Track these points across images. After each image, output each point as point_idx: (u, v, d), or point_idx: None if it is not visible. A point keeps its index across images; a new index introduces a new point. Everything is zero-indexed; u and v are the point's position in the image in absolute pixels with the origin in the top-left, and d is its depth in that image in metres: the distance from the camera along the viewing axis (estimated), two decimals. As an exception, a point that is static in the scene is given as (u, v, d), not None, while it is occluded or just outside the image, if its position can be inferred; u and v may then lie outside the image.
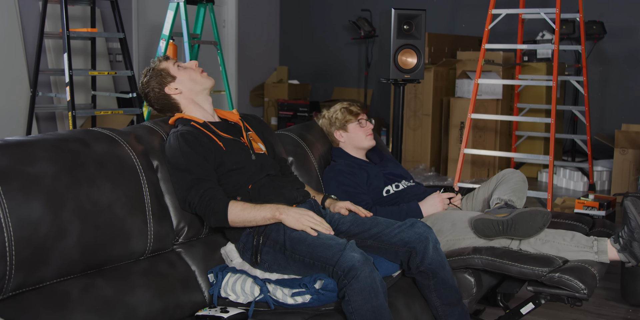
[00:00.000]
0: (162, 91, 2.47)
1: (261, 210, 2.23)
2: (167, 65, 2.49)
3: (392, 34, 4.01)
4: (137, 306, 1.98)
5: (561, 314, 3.14)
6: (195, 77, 2.49)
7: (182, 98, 2.48)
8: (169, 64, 2.50)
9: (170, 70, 2.48)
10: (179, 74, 2.48)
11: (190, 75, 2.49)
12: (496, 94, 5.96)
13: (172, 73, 2.48)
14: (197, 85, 2.49)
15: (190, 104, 2.49)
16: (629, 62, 6.46)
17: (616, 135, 5.52)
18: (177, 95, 2.48)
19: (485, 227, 2.53)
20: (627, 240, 2.44)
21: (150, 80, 2.48)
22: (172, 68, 2.49)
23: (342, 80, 8.00)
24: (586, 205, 4.45)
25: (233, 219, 2.23)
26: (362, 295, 2.02)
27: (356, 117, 3.07)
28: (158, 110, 2.54)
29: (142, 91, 2.51)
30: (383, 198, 2.92)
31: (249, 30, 7.75)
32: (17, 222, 1.76)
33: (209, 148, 2.32)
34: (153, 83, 2.47)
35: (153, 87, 2.47)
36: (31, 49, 5.21)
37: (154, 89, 2.47)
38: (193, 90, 2.48)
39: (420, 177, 6.02)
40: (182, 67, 2.51)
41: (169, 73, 2.48)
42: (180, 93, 2.47)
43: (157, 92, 2.48)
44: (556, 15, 4.75)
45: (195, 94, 2.49)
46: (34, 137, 2.00)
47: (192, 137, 2.30)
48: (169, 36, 4.78)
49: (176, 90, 2.47)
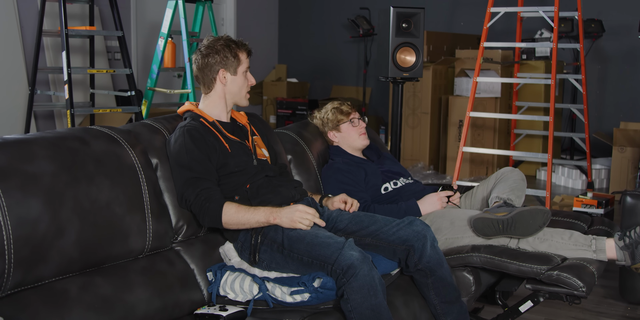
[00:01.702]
0: (215, 68, 2.42)
1: (255, 214, 2.22)
2: (243, 60, 2.45)
3: (391, 32, 4.01)
4: (136, 304, 1.98)
5: (560, 311, 3.15)
6: (243, 91, 2.48)
7: (221, 89, 2.46)
8: (245, 59, 2.46)
9: (240, 65, 2.45)
10: (239, 76, 2.45)
11: (242, 86, 2.47)
12: (495, 92, 5.96)
13: (237, 69, 2.45)
14: (236, 97, 2.48)
15: (220, 99, 2.47)
16: (627, 60, 6.47)
17: (614, 133, 5.53)
18: (219, 84, 2.45)
19: (485, 226, 2.53)
20: (634, 241, 2.45)
21: (219, 52, 2.41)
22: (242, 66, 2.46)
23: (340, 78, 8.00)
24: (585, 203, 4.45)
25: (227, 220, 2.22)
26: (361, 294, 2.02)
27: (348, 116, 3.05)
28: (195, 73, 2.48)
29: (203, 52, 2.42)
30: (381, 196, 2.93)
31: (247, 28, 7.74)
32: (15, 220, 1.76)
33: (214, 147, 2.32)
34: (217, 57, 2.41)
35: (212, 61, 2.41)
36: (29, 47, 5.21)
37: (211, 62, 2.42)
38: (231, 95, 2.47)
39: (419, 176, 6.02)
40: (245, 76, 2.48)
41: (237, 65, 2.44)
42: (223, 85, 2.45)
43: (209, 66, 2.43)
44: (555, 14, 4.76)
45: (230, 98, 2.48)
46: (32, 135, 2.00)
47: (198, 135, 2.30)
48: (168, 34, 4.78)
49: (224, 80, 2.44)
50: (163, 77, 6.08)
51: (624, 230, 2.53)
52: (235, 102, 2.49)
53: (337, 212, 2.50)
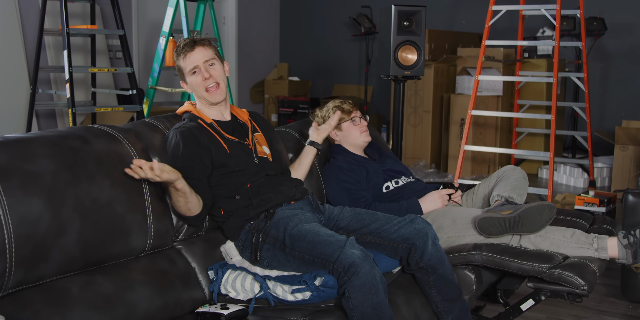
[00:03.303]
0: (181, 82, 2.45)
1: None
2: (184, 64, 2.39)
3: (393, 30, 4.01)
4: (137, 303, 1.99)
5: (561, 310, 3.14)
6: (200, 90, 2.41)
7: (194, 94, 2.46)
8: (187, 62, 2.38)
9: (184, 71, 2.41)
10: (190, 79, 2.41)
11: (195, 87, 2.41)
12: (496, 90, 5.95)
13: (185, 75, 2.42)
14: (203, 98, 2.44)
15: (201, 101, 2.46)
16: (629, 58, 6.45)
17: (616, 131, 5.52)
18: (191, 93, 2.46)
19: (491, 225, 2.52)
20: (639, 240, 2.44)
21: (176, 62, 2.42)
22: (185, 70, 2.40)
23: (342, 77, 8.00)
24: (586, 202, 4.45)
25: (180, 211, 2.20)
26: (363, 292, 2.02)
27: (349, 115, 3.05)
28: None
29: None
30: (383, 194, 2.92)
31: (249, 27, 7.74)
32: (16, 219, 1.76)
33: (207, 148, 2.31)
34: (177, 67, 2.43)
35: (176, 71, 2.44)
36: (31, 46, 5.21)
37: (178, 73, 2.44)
38: (199, 98, 2.45)
39: (421, 174, 6.02)
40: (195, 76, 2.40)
41: (183, 73, 2.42)
42: (191, 92, 2.45)
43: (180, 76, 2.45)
44: (557, 12, 4.75)
45: (201, 101, 2.46)
46: (33, 134, 2.00)
47: (190, 135, 2.29)
48: (169, 33, 4.78)
49: (188, 89, 2.44)
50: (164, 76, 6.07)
51: (628, 228, 2.52)
52: (208, 102, 2.44)
53: (339, 211, 2.50)
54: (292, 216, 2.29)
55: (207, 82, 2.39)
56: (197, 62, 2.38)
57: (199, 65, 2.38)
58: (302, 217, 2.30)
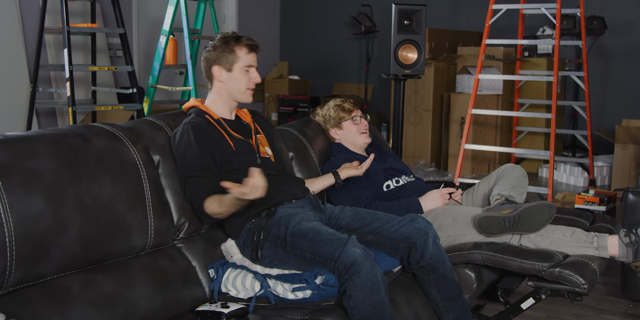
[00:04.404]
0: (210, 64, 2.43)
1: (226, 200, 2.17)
2: (241, 56, 2.41)
3: (393, 29, 4.01)
4: (138, 301, 1.99)
5: (561, 309, 3.15)
6: (242, 87, 2.43)
7: (219, 85, 2.45)
8: (244, 55, 2.41)
9: (238, 61, 2.41)
10: (236, 72, 2.42)
11: (239, 83, 2.43)
12: (497, 89, 5.95)
13: (234, 65, 2.41)
14: (235, 94, 2.45)
15: (220, 95, 2.46)
16: (629, 57, 6.45)
17: (617, 130, 5.52)
18: (216, 80, 2.44)
19: (491, 224, 2.52)
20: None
21: (217, 48, 2.41)
22: (239, 62, 2.41)
23: (342, 75, 7.99)
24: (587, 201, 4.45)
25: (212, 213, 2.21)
26: (364, 291, 2.02)
27: (350, 114, 3.05)
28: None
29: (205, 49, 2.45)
30: (383, 193, 2.92)
31: (249, 25, 7.73)
32: (17, 217, 1.76)
33: (217, 143, 2.31)
34: (214, 53, 2.41)
35: (209, 57, 2.42)
36: (31, 45, 5.21)
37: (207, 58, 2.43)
38: (229, 92, 2.45)
39: (421, 173, 6.02)
40: (245, 72, 2.43)
41: (234, 61, 2.41)
42: (220, 82, 2.44)
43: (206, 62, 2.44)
44: (557, 11, 4.74)
45: (229, 95, 2.46)
46: (34, 133, 2.00)
47: (201, 130, 2.30)
48: (169, 31, 4.78)
49: (220, 76, 2.43)
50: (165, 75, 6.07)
51: (630, 227, 2.52)
52: (235, 99, 2.47)
53: (339, 210, 2.50)
54: (293, 214, 2.29)
55: (252, 84, 2.45)
56: (255, 63, 2.45)
57: (254, 66, 2.44)
58: (303, 215, 2.30)
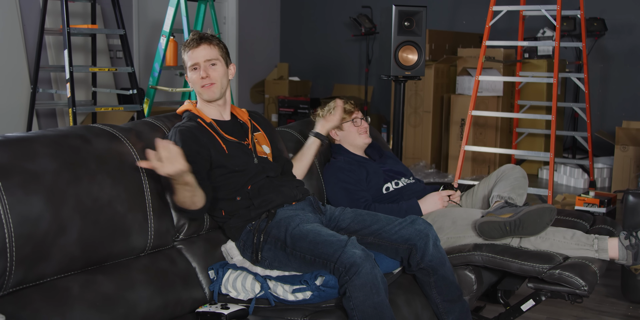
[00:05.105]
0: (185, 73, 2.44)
1: None
2: (187, 58, 2.38)
3: (393, 30, 4.01)
4: (138, 302, 1.98)
5: (562, 310, 3.14)
6: (196, 86, 2.40)
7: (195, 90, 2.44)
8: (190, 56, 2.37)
9: (186, 63, 2.39)
10: (189, 73, 2.40)
11: (193, 83, 2.40)
12: (497, 91, 5.95)
13: (187, 68, 2.41)
14: (199, 94, 2.43)
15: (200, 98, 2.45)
16: (629, 59, 6.45)
17: (617, 132, 5.52)
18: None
19: (491, 229, 2.52)
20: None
21: None
22: (187, 64, 2.39)
23: (342, 77, 8.00)
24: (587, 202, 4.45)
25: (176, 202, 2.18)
26: (364, 292, 2.02)
27: (350, 115, 3.04)
28: None
29: None
30: (383, 195, 2.92)
31: (249, 26, 7.74)
32: (17, 218, 1.76)
33: (206, 147, 2.30)
34: None
35: None
36: (32, 46, 5.21)
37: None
38: (197, 94, 2.44)
39: (421, 174, 6.02)
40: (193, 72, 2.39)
41: (186, 65, 2.40)
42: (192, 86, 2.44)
43: None
44: (557, 12, 4.75)
45: (199, 97, 2.45)
46: (34, 133, 2.00)
47: (189, 134, 2.29)
48: (170, 33, 4.78)
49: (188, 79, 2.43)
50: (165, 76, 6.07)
51: (630, 229, 2.52)
52: (203, 99, 2.43)
53: (340, 211, 2.49)
54: (293, 216, 2.29)
55: (203, 81, 2.38)
56: (198, 60, 2.37)
57: (200, 62, 2.37)
58: (303, 217, 2.30)
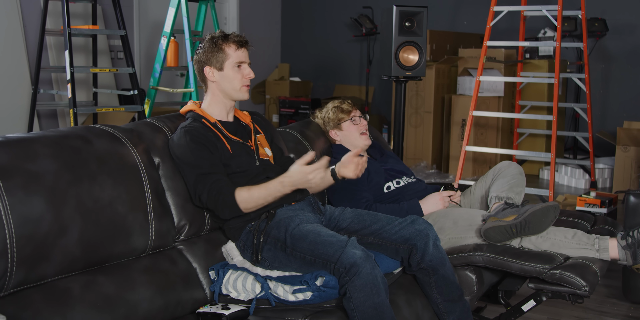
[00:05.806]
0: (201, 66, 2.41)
1: (269, 189, 2.24)
2: (230, 53, 2.39)
3: (394, 31, 4.01)
4: (139, 303, 1.99)
5: (562, 311, 3.14)
6: (236, 85, 2.41)
7: (213, 86, 2.43)
8: (233, 52, 2.39)
9: (228, 59, 2.39)
10: (228, 70, 2.40)
11: (233, 80, 2.40)
12: (498, 91, 5.95)
13: (224, 63, 2.39)
14: (230, 92, 2.43)
15: (215, 96, 2.44)
16: (630, 59, 6.45)
17: (618, 132, 5.52)
18: (210, 81, 2.43)
19: (498, 233, 2.51)
20: (637, 241, 2.44)
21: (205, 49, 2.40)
22: (229, 59, 2.39)
23: (343, 77, 8.00)
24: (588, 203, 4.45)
25: (245, 206, 2.24)
26: (364, 292, 2.02)
27: (348, 114, 3.05)
28: None
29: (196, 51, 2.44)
30: (384, 194, 2.92)
31: (250, 27, 7.74)
32: (18, 219, 1.76)
33: (215, 145, 2.31)
34: (203, 55, 2.40)
35: (199, 59, 2.41)
36: (32, 46, 5.21)
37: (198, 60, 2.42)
38: (224, 91, 2.43)
39: (422, 175, 6.02)
40: (237, 69, 2.40)
41: (224, 60, 2.39)
42: (213, 82, 2.43)
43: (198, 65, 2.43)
44: (558, 13, 4.75)
45: (224, 95, 2.44)
46: (35, 134, 2.00)
47: (197, 133, 2.30)
48: (170, 33, 4.78)
49: (212, 76, 2.41)
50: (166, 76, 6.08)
51: (627, 229, 2.52)
52: (232, 98, 2.44)
53: (340, 211, 2.49)
54: (293, 217, 2.29)
55: (246, 80, 2.42)
56: (245, 59, 2.42)
57: (247, 62, 2.43)
58: (303, 217, 2.30)
